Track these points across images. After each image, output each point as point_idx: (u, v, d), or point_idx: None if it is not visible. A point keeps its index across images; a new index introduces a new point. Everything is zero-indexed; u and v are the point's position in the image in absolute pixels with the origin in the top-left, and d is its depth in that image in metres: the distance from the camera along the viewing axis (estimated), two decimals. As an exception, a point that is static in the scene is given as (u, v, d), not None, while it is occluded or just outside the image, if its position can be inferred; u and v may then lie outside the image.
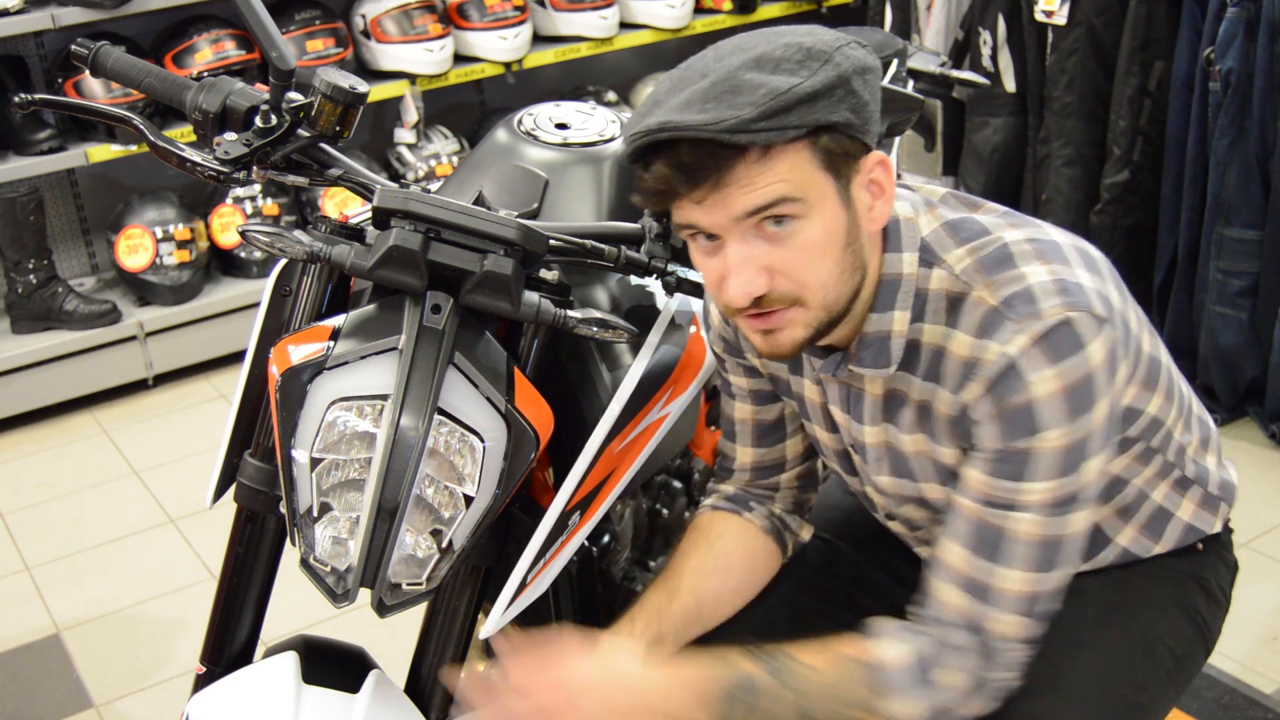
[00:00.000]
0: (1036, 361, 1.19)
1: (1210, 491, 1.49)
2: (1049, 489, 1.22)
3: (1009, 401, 1.20)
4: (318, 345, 1.30)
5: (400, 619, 1.42)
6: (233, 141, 1.40)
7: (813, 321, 1.23)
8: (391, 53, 3.99)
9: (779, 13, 4.65)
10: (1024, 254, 1.24)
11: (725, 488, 1.57)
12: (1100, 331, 1.20)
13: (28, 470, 3.43)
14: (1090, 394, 1.20)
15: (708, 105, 1.11)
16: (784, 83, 1.12)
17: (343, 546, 1.29)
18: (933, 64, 2.30)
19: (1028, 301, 1.20)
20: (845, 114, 1.15)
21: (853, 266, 1.23)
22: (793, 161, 1.14)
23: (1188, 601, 1.49)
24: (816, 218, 1.18)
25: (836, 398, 1.40)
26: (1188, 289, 3.23)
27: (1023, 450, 1.21)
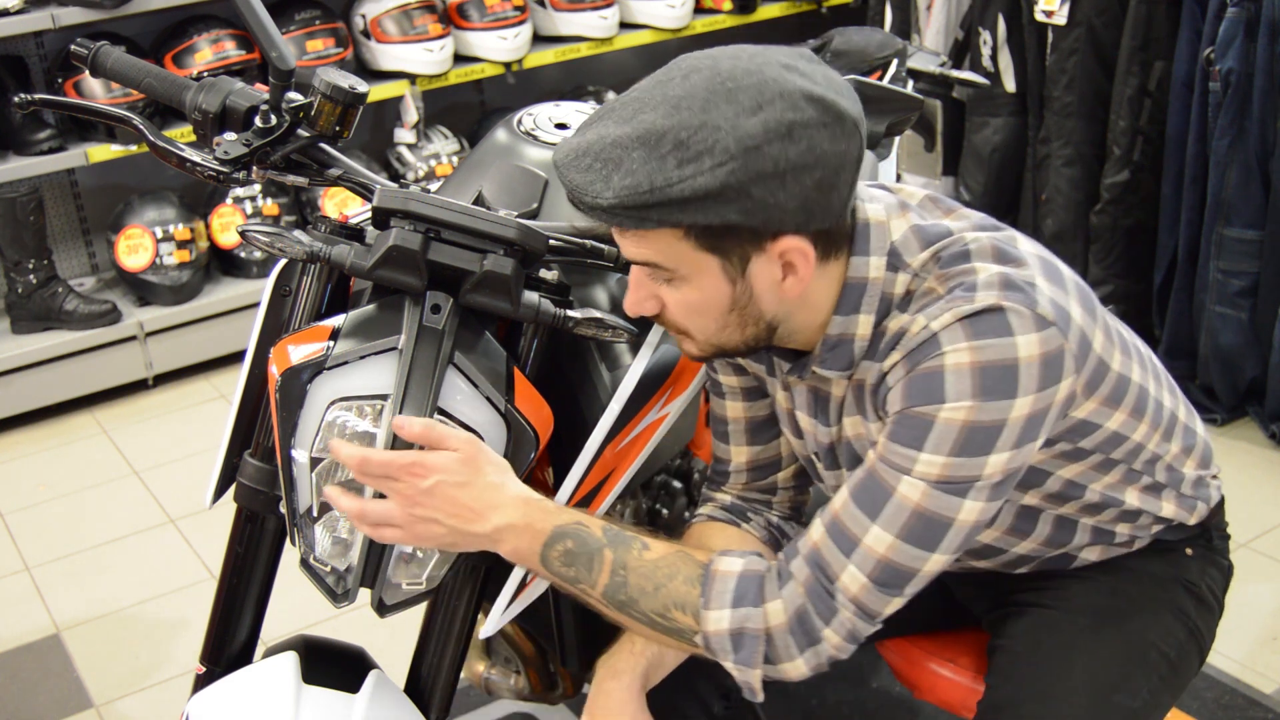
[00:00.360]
0: (955, 335, 1.18)
1: (1183, 493, 1.48)
2: (941, 464, 1.19)
3: (920, 367, 1.20)
4: (317, 345, 1.30)
5: (400, 619, 1.42)
6: (232, 141, 1.40)
7: (703, 350, 1.27)
8: (391, 53, 3.99)
9: (779, 13, 4.65)
10: (981, 252, 1.24)
11: (721, 496, 1.55)
12: (1038, 330, 1.18)
13: (28, 470, 3.43)
14: (1009, 384, 1.18)
15: (584, 167, 1.13)
16: (656, 178, 1.10)
17: (343, 546, 1.29)
18: (933, 64, 2.30)
19: (967, 290, 1.20)
20: (731, 216, 1.12)
21: (741, 324, 1.24)
22: (665, 240, 1.16)
23: (1177, 606, 1.49)
24: (693, 286, 1.20)
25: (803, 403, 1.39)
26: (1188, 289, 3.23)
27: (921, 416, 1.19)
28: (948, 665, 1.63)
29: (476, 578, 1.46)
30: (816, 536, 1.25)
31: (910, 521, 1.21)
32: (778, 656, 1.25)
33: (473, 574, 1.46)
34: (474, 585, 1.46)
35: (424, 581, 1.32)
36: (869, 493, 1.23)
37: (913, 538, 1.21)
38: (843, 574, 1.23)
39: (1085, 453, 1.36)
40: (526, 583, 1.42)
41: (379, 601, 1.31)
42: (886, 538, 1.21)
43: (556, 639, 1.70)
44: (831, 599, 1.23)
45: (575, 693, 1.87)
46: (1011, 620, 1.50)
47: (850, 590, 1.23)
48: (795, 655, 1.25)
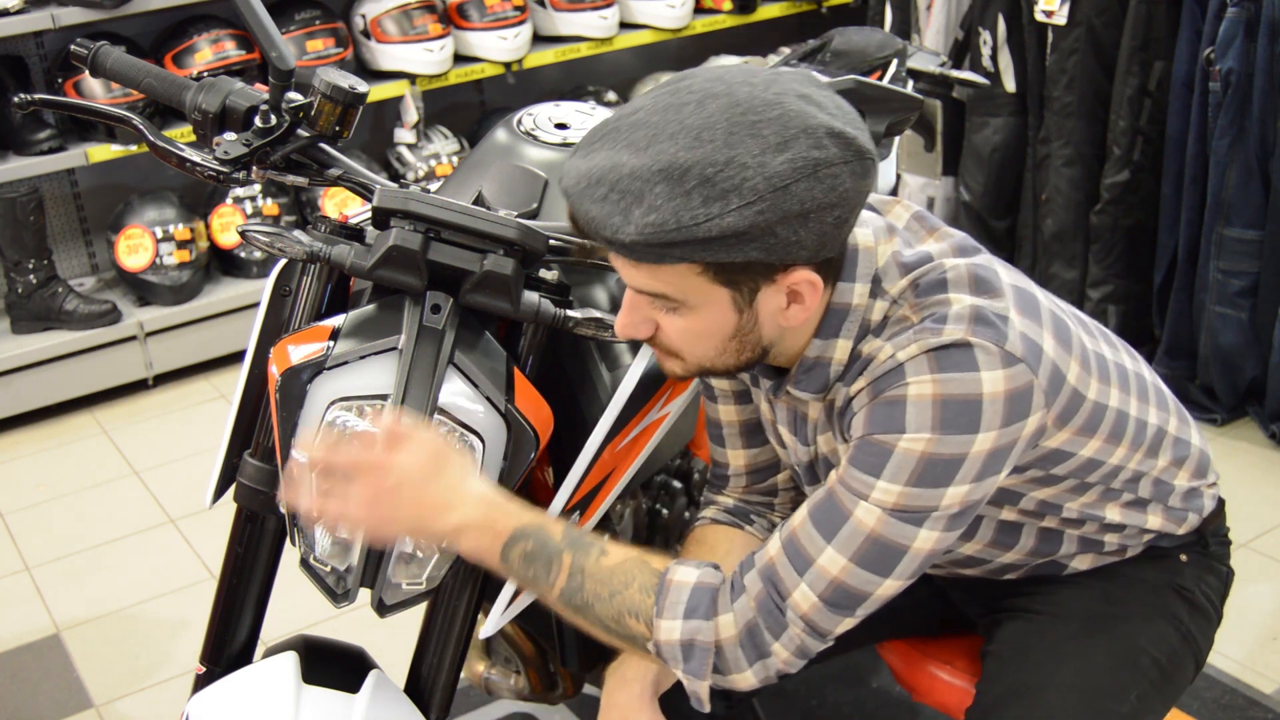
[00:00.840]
0: (920, 366, 1.18)
1: (1171, 505, 1.47)
2: (898, 493, 1.19)
3: (883, 395, 1.20)
4: (317, 345, 1.30)
5: (400, 619, 1.42)
6: (232, 141, 1.40)
7: (690, 370, 1.26)
8: (391, 53, 3.99)
9: (779, 13, 4.65)
10: (958, 281, 1.23)
11: (723, 499, 1.55)
12: (1005, 367, 1.18)
13: (28, 470, 3.43)
14: (971, 419, 1.17)
15: (600, 197, 1.10)
16: (683, 216, 1.08)
17: (342, 546, 1.29)
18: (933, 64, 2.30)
19: (938, 321, 1.20)
20: (752, 254, 1.10)
21: (739, 350, 1.23)
22: (679, 274, 1.14)
23: (1170, 611, 1.48)
24: (700, 314, 1.18)
25: (784, 419, 1.40)
26: (1188, 289, 3.23)
27: (881, 444, 1.19)
28: (945, 668, 1.63)
29: (476, 578, 1.46)
30: (773, 552, 1.24)
31: (865, 546, 1.21)
32: (727, 668, 1.25)
33: (473, 574, 1.46)
34: (474, 585, 1.46)
35: (424, 581, 1.32)
36: (827, 513, 1.22)
37: (866, 562, 1.21)
38: (794, 592, 1.22)
39: (1058, 478, 1.36)
40: (526, 583, 1.42)
41: (379, 601, 1.31)
42: (840, 560, 1.21)
43: (556, 639, 1.70)
44: (782, 615, 1.23)
45: (575, 693, 1.87)
46: (1003, 625, 1.51)
47: (801, 608, 1.23)
48: (744, 668, 1.25)
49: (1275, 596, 2.59)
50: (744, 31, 4.68)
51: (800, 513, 1.25)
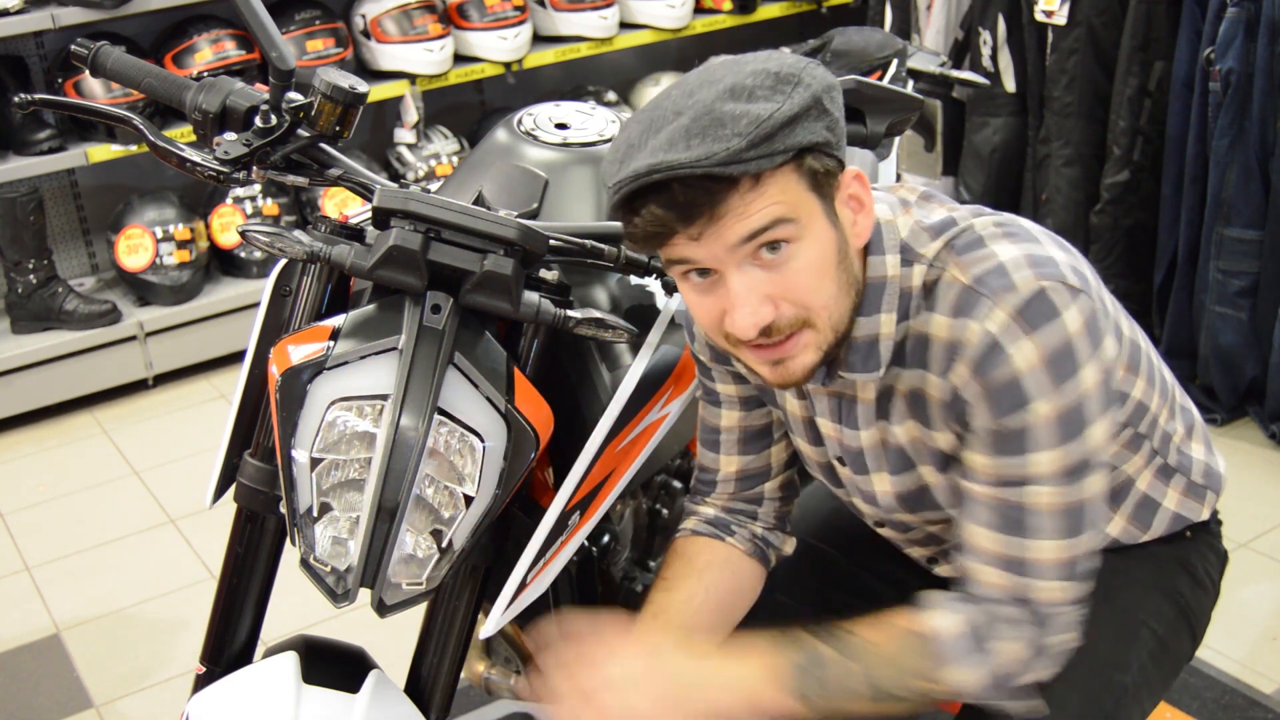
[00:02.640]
0: (1013, 333, 1.20)
1: (1194, 480, 1.50)
2: (1055, 458, 1.22)
3: (993, 378, 1.21)
4: (318, 345, 1.30)
5: (400, 619, 1.41)
6: (233, 141, 1.40)
7: (822, 344, 1.23)
8: (391, 53, 3.99)
9: (779, 12, 4.65)
10: (993, 235, 1.26)
11: (705, 509, 1.54)
12: (1075, 300, 1.21)
13: (28, 470, 3.43)
14: (1072, 360, 1.21)
15: (692, 142, 1.11)
16: (764, 109, 1.12)
17: (343, 546, 1.29)
18: (933, 64, 2.30)
19: (1000, 275, 1.22)
20: (823, 133, 1.15)
21: (848, 283, 1.24)
22: (782, 185, 1.15)
23: (1170, 585, 1.50)
24: (810, 239, 1.18)
25: (826, 409, 1.39)
26: (1188, 289, 3.23)
27: (1015, 425, 1.22)
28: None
29: (477, 578, 1.46)
30: (995, 579, 1.27)
31: (1058, 522, 1.25)
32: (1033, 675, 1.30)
33: (473, 574, 1.46)
34: (474, 585, 1.46)
35: (424, 581, 1.32)
36: (1009, 519, 1.26)
37: (1068, 531, 1.25)
38: (1043, 594, 1.27)
39: (1120, 426, 1.38)
40: (527, 583, 1.42)
41: (379, 601, 1.31)
42: (1051, 544, 1.25)
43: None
44: (1049, 615, 1.27)
45: (575, 693, 1.87)
46: None
47: (1058, 599, 1.27)
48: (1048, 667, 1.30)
49: (1275, 596, 2.59)
50: (744, 31, 4.68)
51: (980, 534, 1.27)
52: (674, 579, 1.48)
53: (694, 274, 1.20)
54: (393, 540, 1.27)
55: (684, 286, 1.23)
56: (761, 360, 1.24)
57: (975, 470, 1.27)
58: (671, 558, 1.51)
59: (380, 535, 1.26)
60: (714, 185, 1.12)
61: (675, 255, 1.18)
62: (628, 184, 1.14)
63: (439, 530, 1.30)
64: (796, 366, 1.23)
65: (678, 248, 1.17)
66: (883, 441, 1.37)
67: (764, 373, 1.25)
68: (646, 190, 1.13)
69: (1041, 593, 1.26)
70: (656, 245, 1.18)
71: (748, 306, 1.18)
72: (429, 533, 1.30)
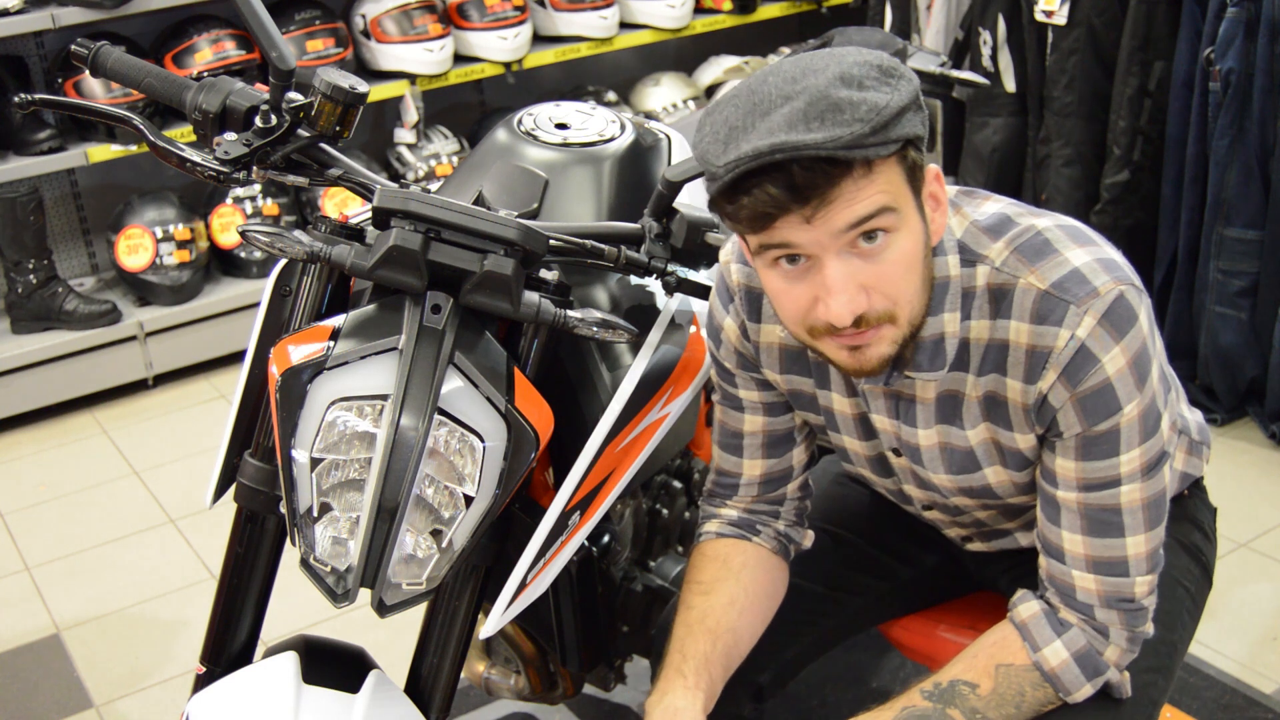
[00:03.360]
0: (1102, 340, 1.23)
1: (1194, 438, 1.56)
2: (1139, 455, 1.27)
3: (1085, 385, 1.25)
4: (318, 345, 1.30)
5: (400, 619, 1.42)
6: (233, 141, 1.40)
7: (899, 338, 1.25)
8: (391, 53, 3.99)
9: (779, 12, 4.65)
10: (1060, 239, 1.30)
11: (726, 511, 1.55)
12: (1142, 300, 1.26)
13: (28, 470, 3.43)
14: (1147, 360, 1.26)
15: (812, 124, 1.11)
16: (880, 98, 1.13)
17: (343, 546, 1.29)
18: (933, 64, 2.30)
19: (1080, 282, 1.25)
20: (919, 127, 1.18)
21: (928, 279, 1.26)
22: (889, 175, 1.17)
23: (1189, 542, 1.57)
24: (906, 230, 1.20)
25: (883, 408, 1.40)
26: (1188, 289, 3.23)
27: (1107, 430, 1.26)
28: (965, 632, 1.63)
29: (477, 578, 1.46)
30: (1093, 585, 1.32)
31: (1148, 514, 1.31)
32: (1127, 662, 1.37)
33: (473, 574, 1.46)
34: (474, 585, 1.46)
35: (424, 582, 1.32)
36: (1101, 523, 1.30)
37: (1153, 522, 1.32)
38: (1139, 588, 1.33)
39: None
40: (527, 582, 1.42)
41: (379, 601, 1.31)
42: (1141, 538, 1.31)
43: (556, 639, 1.70)
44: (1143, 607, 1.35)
45: (575, 693, 1.87)
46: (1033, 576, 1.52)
47: (1149, 589, 1.34)
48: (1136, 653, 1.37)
49: (1275, 596, 2.59)
50: (744, 31, 4.68)
51: (1074, 540, 1.32)
52: (711, 583, 1.48)
53: (785, 261, 1.21)
54: (393, 540, 1.27)
55: (771, 274, 1.23)
56: (841, 347, 1.25)
57: (1061, 476, 1.30)
58: (702, 561, 1.51)
59: (380, 535, 1.26)
60: (832, 169, 1.13)
61: (776, 239, 1.18)
62: (746, 162, 1.13)
63: (439, 530, 1.30)
64: (873, 355, 1.25)
65: (781, 230, 1.17)
66: (945, 444, 1.39)
67: (842, 358, 1.26)
68: (763, 170, 1.13)
69: (1136, 588, 1.32)
70: (760, 228, 1.18)
71: (845, 294, 1.19)
72: (429, 533, 1.30)
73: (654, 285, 1.61)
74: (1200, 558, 1.58)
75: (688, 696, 1.37)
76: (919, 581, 1.69)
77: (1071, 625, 1.33)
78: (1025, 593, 1.38)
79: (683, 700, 1.37)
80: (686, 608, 1.46)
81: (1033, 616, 1.35)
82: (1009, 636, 1.36)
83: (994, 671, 1.33)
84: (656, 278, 1.47)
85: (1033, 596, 1.37)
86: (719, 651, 1.42)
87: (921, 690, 1.34)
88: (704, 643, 1.42)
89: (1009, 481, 1.39)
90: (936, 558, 1.68)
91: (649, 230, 1.47)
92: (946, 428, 1.37)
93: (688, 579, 1.51)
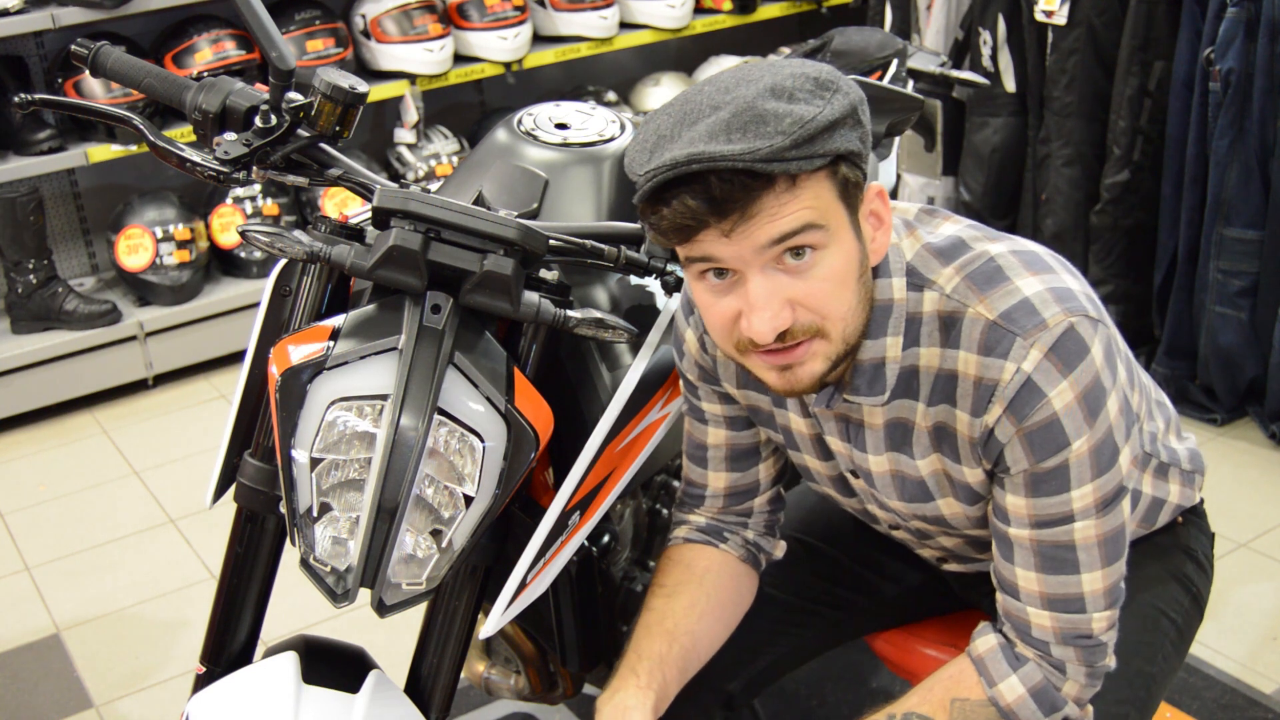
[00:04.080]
0: (1048, 374, 1.19)
1: (1185, 469, 1.53)
2: (1092, 491, 1.24)
3: (1031, 420, 1.21)
4: (318, 345, 1.30)
5: (400, 619, 1.42)
6: (233, 141, 1.40)
7: (832, 354, 1.22)
8: (391, 53, 3.99)
9: (779, 12, 4.65)
10: (1012, 266, 1.25)
11: (695, 518, 1.55)
12: (1096, 331, 1.22)
13: (28, 470, 3.43)
14: (1101, 393, 1.21)
15: (733, 135, 1.09)
16: (807, 111, 1.11)
17: (343, 546, 1.29)
18: (933, 64, 2.30)
19: (1029, 313, 1.21)
20: (856, 142, 1.15)
21: (864, 298, 1.23)
22: (816, 190, 1.14)
23: (1179, 572, 1.54)
24: (835, 247, 1.17)
25: (834, 430, 1.39)
26: (1188, 289, 3.23)
27: (1055, 466, 1.22)
28: (947, 649, 1.63)
29: (477, 578, 1.46)
30: (1048, 622, 1.29)
31: (1103, 550, 1.27)
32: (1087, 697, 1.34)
33: (473, 574, 1.46)
34: (474, 585, 1.46)
35: (424, 581, 1.32)
36: (1054, 560, 1.27)
37: (1110, 558, 1.28)
38: (1096, 624, 1.30)
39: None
40: (527, 583, 1.42)
41: (379, 601, 1.31)
42: (1096, 575, 1.28)
43: (556, 639, 1.70)
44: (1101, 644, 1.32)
45: (575, 693, 1.87)
46: None
47: (1107, 625, 1.31)
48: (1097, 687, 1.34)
49: (1275, 596, 2.59)
50: (744, 31, 4.68)
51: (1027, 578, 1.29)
52: (674, 585, 1.48)
53: (711, 274, 1.19)
54: (393, 540, 1.27)
55: (699, 287, 1.21)
56: (769, 366, 1.22)
57: (1013, 513, 1.27)
58: (667, 565, 1.51)
59: (380, 535, 1.26)
60: (751, 182, 1.10)
61: (698, 252, 1.17)
62: (664, 172, 1.11)
63: (439, 530, 1.30)
64: (804, 374, 1.22)
65: (703, 244, 1.15)
66: (896, 472, 1.37)
67: (770, 379, 1.24)
68: (681, 181, 1.12)
69: (1093, 624, 1.29)
70: (681, 240, 1.16)
71: (768, 310, 1.16)
72: (429, 533, 1.30)
73: (654, 285, 1.61)
74: (1191, 588, 1.54)
75: (639, 695, 1.36)
76: (903, 598, 1.67)
77: (1028, 660, 1.31)
78: (985, 625, 1.36)
79: (633, 699, 1.36)
80: (648, 609, 1.46)
81: (989, 651, 1.32)
82: (965, 670, 1.33)
83: (949, 706, 1.31)
84: (656, 278, 1.47)
85: (991, 630, 1.35)
86: (675, 653, 1.41)
87: None
88: (660, 644, 1.41)
89: (962, 514, 1.36)
90: (920, 575, 1.66)
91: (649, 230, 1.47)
92: (897, 455, 1.35)
93: (653, 582, 1.51)
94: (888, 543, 1.61)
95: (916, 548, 1.55)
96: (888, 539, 1.58)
